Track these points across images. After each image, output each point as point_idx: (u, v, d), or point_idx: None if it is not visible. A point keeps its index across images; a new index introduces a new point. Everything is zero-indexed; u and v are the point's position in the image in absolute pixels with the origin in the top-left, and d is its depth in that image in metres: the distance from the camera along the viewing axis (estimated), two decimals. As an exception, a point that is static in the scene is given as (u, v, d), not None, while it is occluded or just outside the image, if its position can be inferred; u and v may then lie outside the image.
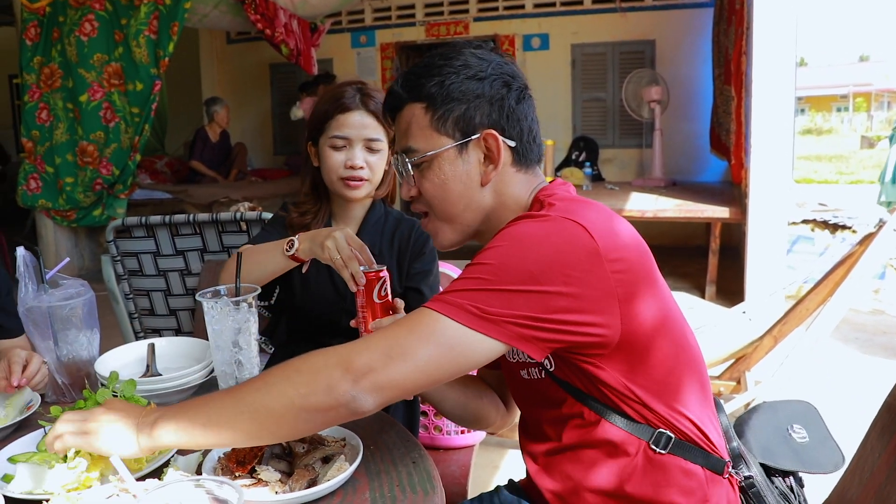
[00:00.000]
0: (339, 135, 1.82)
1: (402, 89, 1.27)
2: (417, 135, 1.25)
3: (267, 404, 1.04)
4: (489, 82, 1.24)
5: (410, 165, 1.26)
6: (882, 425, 1.32)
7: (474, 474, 2.07)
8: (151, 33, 5.96)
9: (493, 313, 1.05)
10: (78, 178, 6.23)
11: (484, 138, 1.24)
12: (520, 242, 1.11)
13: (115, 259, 2.67)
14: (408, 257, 1.92)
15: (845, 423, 2.19)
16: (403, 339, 1.05)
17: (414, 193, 1.30)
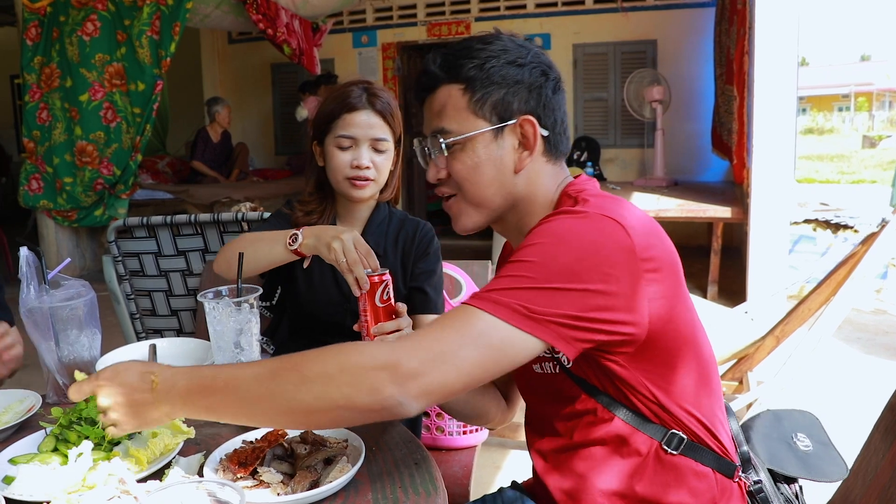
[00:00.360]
0: (345, 134, 1.82)
1: (441, 69, 1.25)
2: (453, 116, 1.23)
3: (306, 401, 1.01)
4: (528, 69, 1.23)
5: (444, 146, 1.24)
6: (885, 426, 1.32)
7: (476, 475, 2.06)
8: (153, 33, 5.97)
9: (538, 312, 1.04)
10: (77, 178, 6.22)
11: (520, 124, 1.23)
12: (561, 239, 1.10)
13: (116, 259, 2.67)
14: (412, 258, 1.92)
15: (848, 423, 2.19)
16: (451, 341, 1.02)
17: (443, 175, 1.28)
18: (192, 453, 1.28)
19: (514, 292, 1.05)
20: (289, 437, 1.24)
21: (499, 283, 1.08)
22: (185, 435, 1.30)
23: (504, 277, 1.08)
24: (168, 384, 1.07)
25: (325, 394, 1.00)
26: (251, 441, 1.24)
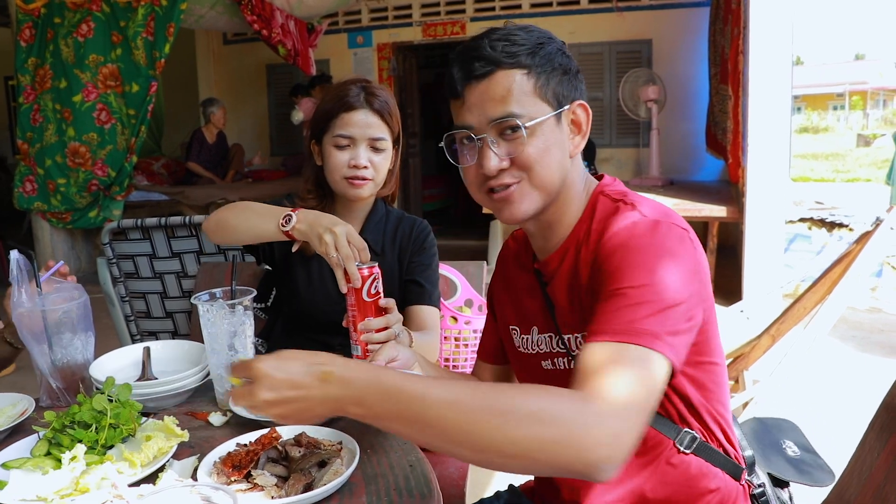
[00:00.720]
0: (343, 133, 1.81)
1: (502, 55, 1.20)
2: (522, 100, 1.20)
3: (503, 444, 0.91)
4: (571, 59, 1.26)
5: (525, 129, 1.19)
6: (881, 424, 1.31)
7: (472, 476, 2.06)
8: (148, 34, 5.95)
9: (672, 332, 1.04)
10: (70, 180, 6.20)
11: (574, 110, 1.25)
12: (658, 255, 1.10)
13: (110, 262, 2.66)
14: (409, 253, 1.93)
15: (843, 422, 2.19)
16: (641, 392, 0.97)
17: (506, 165, 1.23)
18: (187, 456, 1.28)
19: (653, 320, 1.04)
20: (283, 440, 1.23)
21: (638, 311, 1.04)
22: (179, 438, 1.29)
23: (637, 305, 1.05)
24: (343, 379, 0.97)
25: (528, 439, 0.91)
26: (245, 444, 1.24)
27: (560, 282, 1.28)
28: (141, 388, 1.50)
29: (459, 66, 1.23)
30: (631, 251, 1.11)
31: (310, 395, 0.96)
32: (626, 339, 1.01)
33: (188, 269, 2.66)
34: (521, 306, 1.41)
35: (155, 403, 1.52)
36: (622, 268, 1.10)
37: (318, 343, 1.92)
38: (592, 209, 1.27)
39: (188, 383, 1.55)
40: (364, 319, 1.42)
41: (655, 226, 1.14)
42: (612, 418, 0.92)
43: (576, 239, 1.27)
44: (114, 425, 1.28)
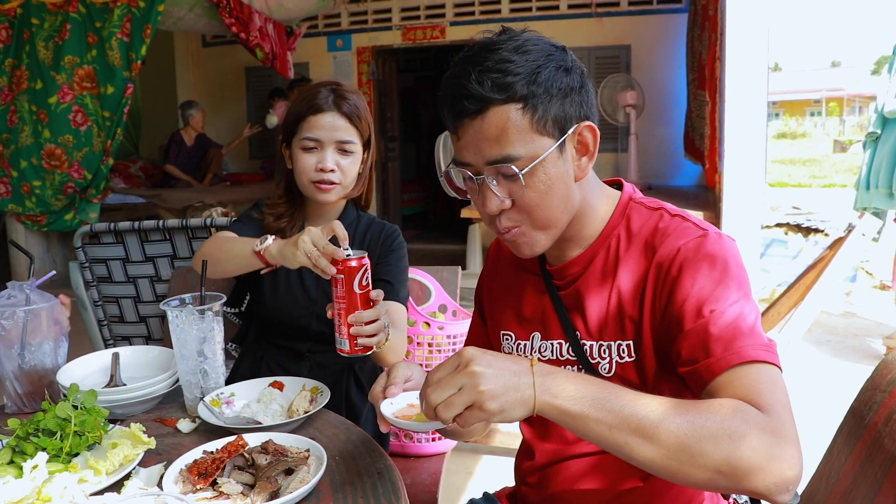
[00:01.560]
0: (310, 136, 1.80)
1: (492, 91, 1.10)
2: (517, 140, 1.11)
3: (702, 462, 0.91)
4: (574, 73, 1.16)
5: (522, 176, 1.12)
6: (848, 430, 1.32)
7: (448, 481, 2.06)
8: (124, 36, 5.89)
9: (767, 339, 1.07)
10: (46, 182, 6.13)
11: (580, 132, 1.17)
12: (733, 264, 1.12)
13: (83, 265, 2.64)
14: (377, 255, 1.91)
15: (818, 426, 2.20)
16: (789, 411, 0.98)
17: (507, 206, 1.16)
18: (154, 464, 1.26)
19: (756, 332, 1.06)
20: (249, 447, 1.22)
21: (740, 325, 1.05)
22: (146, 445, 1.28)
23: (738, 319, 1.06)
24: (547, 369, 0.97)
25: (718, 451, 0.90)
26: (212, 451, 1.23)
27: (586, 288, 1.25)
28: (109, 394, 1.48)
29: (449, 104, 1.14)
30: (720, 266, 1.11)
31: (520, 374, 0.95)
32: (760, 360, 1.02)
33: (162, 273, 2.64)
34: (520, 310, 1.37)
35: (123, 410, 1.50)
36: (721, 285, 1.09)
37: (287, 349, 1.92)
38: (623, 216, 1.25)
39: (157, 389, 1.53)
40: (354, 312, 1.39)
41: (721, 239, 1.15)
42: (795, 441, 0.94)
43: (606, 246, 1.24)
44: (79, 433, 1.26)
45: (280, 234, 1.87)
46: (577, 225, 1.24)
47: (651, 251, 1.17)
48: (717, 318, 1.06)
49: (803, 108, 38.71)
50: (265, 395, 1.51)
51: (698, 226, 1.17)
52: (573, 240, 1.26)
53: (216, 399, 1.48)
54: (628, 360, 1.19)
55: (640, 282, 1.18)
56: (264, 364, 1.92)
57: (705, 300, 1.08)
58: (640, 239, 1.20)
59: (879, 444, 1.20)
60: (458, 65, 1.14)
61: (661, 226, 1.19)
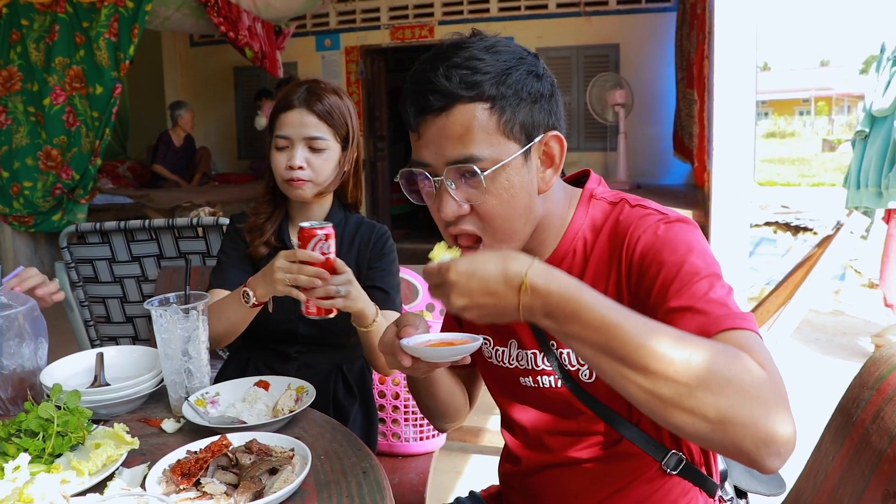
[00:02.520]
0: (280, 134, 1.81)
1: (459, 86, 1.06)
2: (482, 140, 1.06)
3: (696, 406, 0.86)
4: (545, 80, 1.12)
5: (483, 178, 1.07)
6: (835, 428, 1.32)
7: (436, 480, 2.05)
8: (112, 36, 5.87)
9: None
10: (38, 183, 6.11)
11: (546, 141, 1.12)
12: (692, 246, 1.09)
13: (69, 266, 2.62)
14: (367, 258, 1.90)
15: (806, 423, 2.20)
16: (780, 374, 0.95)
17: (465, 211, 1.11)
18: (137, 464, 1.25)
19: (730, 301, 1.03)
20: (233, 447, 1.21)
21: (715, 296, 1.02)
22: (129, 446, 1.27)
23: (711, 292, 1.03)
24: (541, 292, 0.90)
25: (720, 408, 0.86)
26: (195, 451, 1.21)
27: None
28: (92, 394, 1.47)
29: (413, 98, 1.10)
30: (670, 250, 1.08)
31: (504, 302, 0.92)
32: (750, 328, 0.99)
33: (148, 273, 2.63)
34: None
35: (107, 410, 1.49)
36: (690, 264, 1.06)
37: (275, 352, 1.90)
38: (585, 215, 1.22)
39: (141, 390, 1.52)
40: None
41: (684, 222, 1.13)
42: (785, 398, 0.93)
43: (572, 249, 1.21)
44: (62, 433, 1.25)
45: (258, 232, 1.89)
46: (542, 234, 1.21)
47: (616, 248, 1.15)
48: (690, 296, 1.03)
49: (792, 107, 38.90)
50: (250, 395, 1.50)
51: (659, 211, 1.15)
52: (537, 249, 1.22)
53: (201, 399, 1.47)
54: None
55: (611, 282, 1.15)
56: (251, 365, 1.91)
57: (672, 283, 1.05)
58: (605, 236, 1.17)
59: (867, 441, 1.20)
60: (424, 62, 1.11)
61: (622, 219, 1.17)
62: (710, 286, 1.03)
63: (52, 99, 5.90)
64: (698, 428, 0.87)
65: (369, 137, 8.58)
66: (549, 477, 1.30)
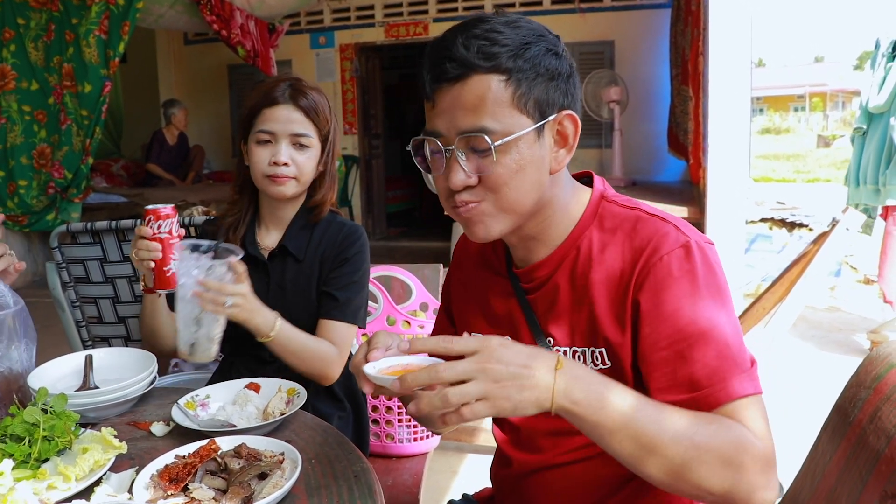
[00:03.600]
0: (264, 129, 1.77)
1: (477, 56, 1.06)
2: (496, 112, 1.07)
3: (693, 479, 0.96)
4: (564, 59, 1.13)
5: (494, 149, 1.07)
6: (832, 428, 1.31)
7: (431, 480, 2.04)
8: (102, 33, 5.85)
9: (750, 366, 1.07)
10: (33, 182, 6.09)
11: (560, 120, 1.13)
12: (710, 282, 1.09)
13: (59, 266, 2.59)
14: (330, 262, 1.85)
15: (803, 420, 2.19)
16: (772, 439, 1.02)
17: (473, 182, 1.11)
18: (126, 468, 1.23)
19: (741, 359, 1.05)
20: (222, 452, 1.19)
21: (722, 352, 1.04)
22: (117, 450, 1.25)
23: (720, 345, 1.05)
24: (572, 374, 0.95)
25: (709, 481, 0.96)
26: (184, 455, 1.20)
27: (555, 291, 1.20)
28: (81, 397, 1.45)
29: (430, 65, 1.10)
30: (700, 289, 1.07)
31: (537, 375, 0.93)
32: (752, 393, 1.03)
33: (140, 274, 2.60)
34: (487, 313, 1.32)
35: (96, 413, 1.47)
36: (700, 311, 1.06)
37: (253, 356, 1.86)
38: (595, 216, 1.20)
39: (131, 392, 1.50)
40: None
41: (703, 252, 1.10)
42: (773, 467, 0.99)
43: (576, 247, 1.19)
44: (48, 438, 1.23)
45: (232, 229, 1.88)
46: (545, 223, 1.19)
47: (632, 255, 1.12)
48: (698, 346, 1.04)
49: (787, 103, 38.95)
50: (241, 397, 1.48)
51: (680, 230, 1.12)
52: (539, 239, 1.21)
53: (191, 401, 1.45)
54: (603, 368, 1.15)
55: (618, 287, 1.13)
56: (234, 369, 1.88)
57: (684, 323, 1.06)
58: (618, 240, 1.15)
59: (864, 441, 1.19)
60: (446, 32, 1.12)
61: (640, 227, 1.14)
62: (719, 336, 1.05)
63: (54, 98, 5.90)
64: (702, 498, 1.00)
65: (364, 135, 8.56)
66: (540, 479, 1.28)
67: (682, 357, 1.05)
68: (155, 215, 1.58)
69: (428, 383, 0.92)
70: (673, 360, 1.06)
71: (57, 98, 5.90)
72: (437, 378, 0.91)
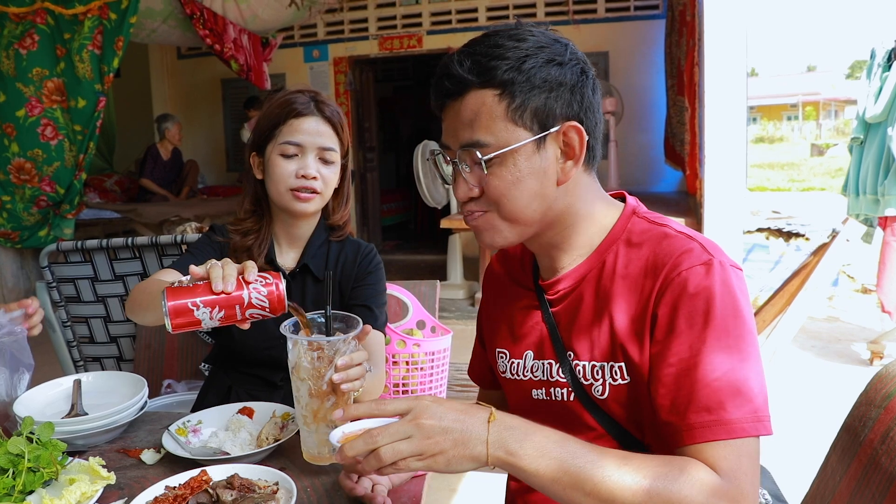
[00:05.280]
0: (291, 141, 1.68)
1: (471, 73, 1.09)
2: (489, 126, 1.09)
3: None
4: (570, 68, 1.11)
5: (484, 162, 1.09)
6: (842, 448, 1.28)
7: (431, 498, 1.99)
8: (95, 48, 5.81)
9: (766, 402, 1.04)
10: (16, 196, 6.03)
11: (565, 131, 1.11)
12: (739, 312, 1.06)
13: (50, 285, 2.55)
14: (352, 279, 1.80)
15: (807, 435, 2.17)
16: (755, 477, 1.00)
17: (475, 193, 1.13)
18: (114, 499, 1.19)
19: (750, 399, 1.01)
20: (214, 482, 1.15)
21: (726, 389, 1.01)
22: (105, 481, 1.21)
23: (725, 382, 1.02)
24: (506, 424, 0.98)
25: None
26: (174, 487, 1.15)
27: (578, 304, 1.18)
28: (68, 424, 1.41)
29: (435, 83, 1.14)
30: (716, 310, 1.04)
31: (470, 429, 0.96)
32: (749, 434, 1.00)
33: (132, 293, 2.56)
34: (513, 327, 1.30)
35: (84, 441, 1.43)
36: (712, 332, 1.04)
37: (259, 380, 1.81)
38: (624, 230, 1.18)
39: (121, 419, 1.46)
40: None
41: (725, 272, 1.08)
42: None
43: (601, 261, 1.17)
44: (33, 469, 1.19)
45: (247, 253, 1.75)
46: (565, 231, 1.18)
47: (654, 271, 1.10)
48: (703, 374, 1.02)
49: (780, 112, 39.05)
50: (233, 423, 1.43)
51: (705, 248, 1.10)
52: (562, 248, 1.20)
53: (182, 428, 1.41)
54: (622, 383, 1.12)
55: (639, 302, 1.11)
56: (233, 394, 1.80)
57: (695, 348, 1.04)
58: (642, 256, 1.13)
59: (876, 462, 1.16)
60: (458, 51, 1.14)
61: (665, 244, 1.12)
62: (727, 369, 1.02)
63: (26, 111, 5.81)
64: None
65: (359, 148, 8.54)
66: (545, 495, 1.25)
67: (686, 378, 1.03)
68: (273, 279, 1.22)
69: (364, 451, 0.95)
70: (676, 379, 1.04)
71: (31, 111, 5.82)
72: (373, 444, 0.95)
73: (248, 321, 1.21)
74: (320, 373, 1.19)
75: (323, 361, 1.19)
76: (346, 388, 1.20)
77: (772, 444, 1.59)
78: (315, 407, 1.21)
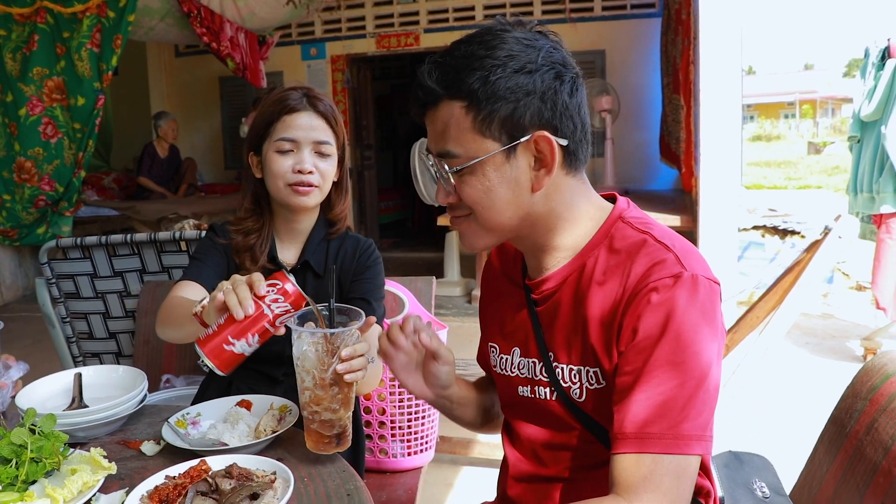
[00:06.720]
0: (286, 137, 1.71)
1: (438, 84, 1.09)
2: (457, 138, 1.09)
3: None
4: (540, 75, 1.08)
5: (454, 173, 1.11)
6: (829, 439, 1.30)
7: (426, 493, 2.02)
8: (94, 46, 5.83)
9: (708, 421, 1.04)
10: (16, 196, 6.05)
11: (536, 140, 1.09)
12: (698, 329, 1.04)
13: (49, 282, 2.57)
14: (352, 273, 1.82)
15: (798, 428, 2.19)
16: (674, 493, 1.00)
17: (452, 200, 1.15)
18: (116, 489, 1.21)
19: (695, 420, 1.02)
20: (213, 472, 1.17)
21: (679, 410, 1.02)
22: (106, 471, 1.23)
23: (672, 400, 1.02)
24: None
25: None
26: (174, 476, 1.18)
27: (559, 306, 1.19)
28: (70, 416, 1.43)
29: (412, 91, 1.15)
30: (673, 325, 1.03)
31: None
32: (666, 451, 1.00)
33: (131, 289, 2.59)
34: (504, 323, 1.32)
35: (85, 433, 1.45)
36: (663, 346, 1.03)
37: (260, 375, 1.83)
38: (607, 235, 1.17)
39: (121, 411, 1.48)
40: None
41: (695, 287, 1.05)
42: None
43: (582, 264, 1.17)
44: (35, 459, 1.21)
45: (249, 252, 1.78)
46: (549, 234, 1.18)
47: (626, 279, 1.10)
48: (640, 388, 1.03)
49: (777, 110, 39.11)
50: (232, 415, 1.46)
51: (679, 260, 1.08)
52: (546, 250, 1.20)
53: (181, 420, 1.43)
54: (598, 387, 1.14)
55: (610, 308, 1.11)
56: (234, 389, 1.81)
57: (643, 360, 1.04)
58: (620, 263, 1.12)
59: (861, 453, 1.18)
60: (436, 56, 1.14)
61: (642, 252, 1.11)
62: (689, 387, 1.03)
63: (27, 109, 5.84)
64: None
65: (356, 146, 8.55)
66: (541, 491, 1.27)
67: (627, 389, 1.04)
68: (281, 281, 1.29)
69: None
70: (620, 389, 1.06)
71: (32, 110, 5.85)
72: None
73: (281, 327, 1.28)
74: (325, 364, 1.22)
75: (328, 353, 1.22)
76: (349, 378, 1.23)
77: (766, 440, 1.62)
78: (319, 396, 1.24)
